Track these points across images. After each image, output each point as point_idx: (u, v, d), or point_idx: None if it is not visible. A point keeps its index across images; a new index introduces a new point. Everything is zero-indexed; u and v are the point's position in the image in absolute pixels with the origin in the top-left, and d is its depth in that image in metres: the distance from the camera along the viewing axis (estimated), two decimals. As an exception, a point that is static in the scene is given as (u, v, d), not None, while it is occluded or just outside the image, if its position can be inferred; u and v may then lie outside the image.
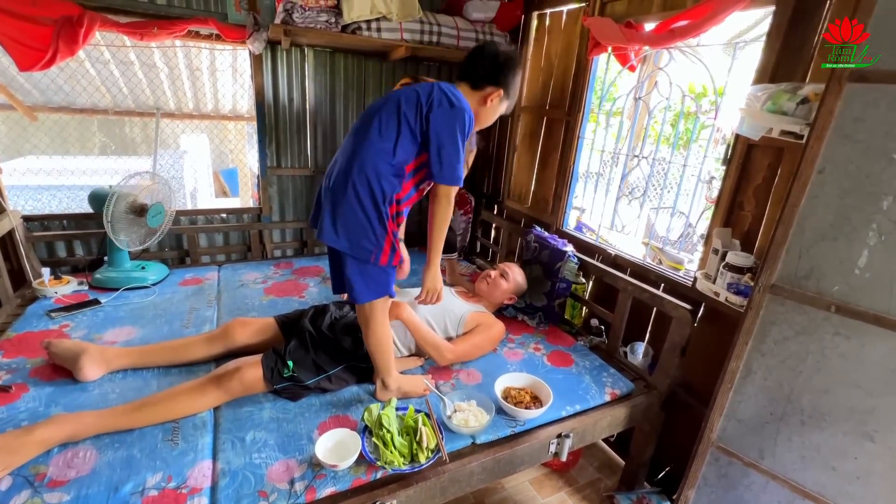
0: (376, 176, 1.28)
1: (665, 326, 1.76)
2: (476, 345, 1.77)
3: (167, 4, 2.15)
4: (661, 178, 4.07)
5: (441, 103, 1.30)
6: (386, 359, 1.49)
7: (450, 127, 1.30)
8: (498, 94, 1.42)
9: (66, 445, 1.23)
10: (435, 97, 1.30)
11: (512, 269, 2.06)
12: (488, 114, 1.46)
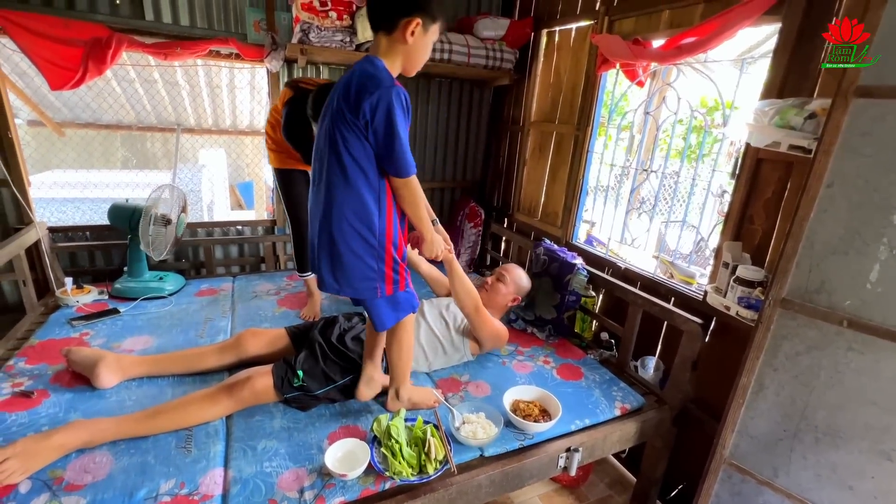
0: (354, 215, 1.22)
1: (676, 341, 1.74)
2: (495, 324, 1.80)
3: (190, 26, 2.25)
4: (672, 191, 4.06)
5: (370, 103, 1.12)
6: (405, 368, 1.49)
7: (386, 122, 1.13)
8: (416, 23, 1.15)
9: (83, 451, 1.26)
10: (359, 99, 1.13)
11: (510, 271, 2.04)
12: (419, 49, 1.21)
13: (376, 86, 1.12)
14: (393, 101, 1.12)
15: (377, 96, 1.11)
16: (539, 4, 2.66)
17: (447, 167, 3.18)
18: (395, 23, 1.15)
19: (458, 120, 3.09)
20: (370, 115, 1.13)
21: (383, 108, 1.12)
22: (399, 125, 1.15)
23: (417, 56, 1.24)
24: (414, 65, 1.26)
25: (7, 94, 2.04)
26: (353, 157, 1.18)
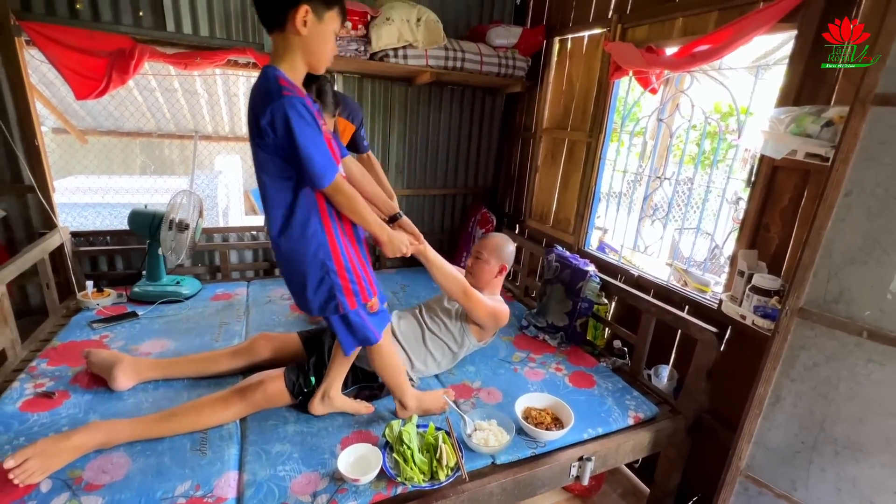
0: (292, 231, 1.19)
1: (690, 349, 1.72)
2: (489, 304, 1.74)
3: (209, 37, 2.31)
4: (685, 197, 4.02)
5: (267, 120, 1.06)
6: (398, 381, 1.49)
7: (287, 134, 1.06)
8: (305, 10, 1.07)
9: (101, 451, 1.29)
10: (259, 117, 1.07)
11: (485, 245, 1.90)
12: (316, 40, 1.12)
13: (267, 101, 1.05)
14: (288, 113, 1.04)
15: (270, 112, 1.05)
16: (551, 13, 2.68)
17: (459, 174, 3.20)
18: (284, 16, 1.08)
19: (471, 127, 3.11)
20: (272, 132, 1.07)
21: (280, 121, 1.05)
22: (299, 135, 1.06)
23: (317, 48, 1.13)
24: (318, 58, 1.15)
25: (35, 103, 2.11)
26: (273, 175, 1.16)
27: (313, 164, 1.10)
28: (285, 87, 1.06)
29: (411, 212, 3.13)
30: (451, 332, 1.80)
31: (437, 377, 1.82)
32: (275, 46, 1.14)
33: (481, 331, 1.82)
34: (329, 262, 1.22)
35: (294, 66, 1.13)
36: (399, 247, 1.38)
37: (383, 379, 1.50)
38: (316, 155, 1.10)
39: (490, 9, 2.88)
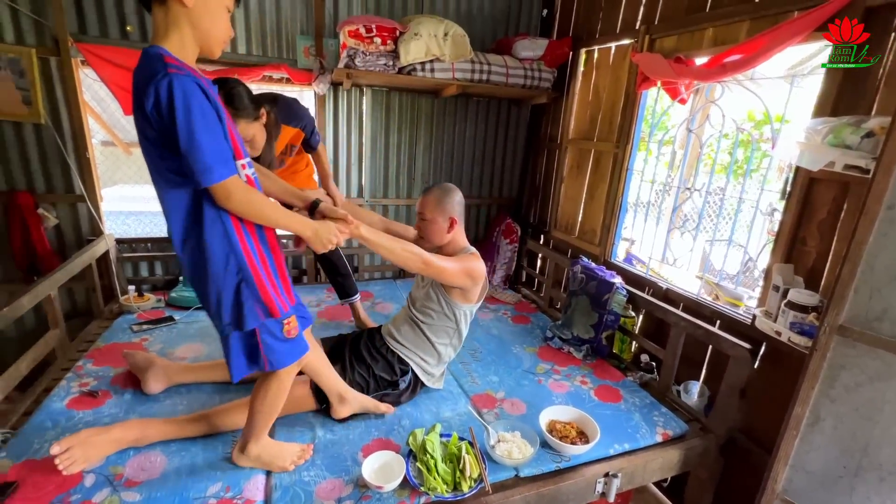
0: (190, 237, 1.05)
1: (722, 366, 1.67)
2: (452, 264, 1.54)
3: (247, 53, 2.42)
4: (717, 208, 3.91)
5: (152, 100, 0.90)
6: (264, 424, 1.29)
7: (169, 112, 0.90)
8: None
9: (140, 450, 1.35)
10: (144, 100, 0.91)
11: (425, 203, 1.65)
12: (205, 14, 0.98)
13: (149, 80, 0.89)
14: (174, 90, 0.89)
15: (153, 90, 0.89)
16: (578, 24, 2.69)
17: (484, 184, 3.22)
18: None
19: (496, 138, 3.13)
20: (157, 116, 0.91)
21: (164, 99, 0.89)
22: (185, 116, 0.90)
23: (207, 23, 0.99)
24: (212, 37, 1.01)
25: (87, 118, 2.26)
26: (166, 174, 0.99)
27: (199, 151, 0.92)
28: (171, 65, 0.91)
29: (436, 222, 3.16)
30: (440, 311, 1.67)
31: (460, 387, 1.82)
32: (156, 24, 0.97)
33: (464, 292, 1.64)
34: (245, 268, 1.07)
35: (183, 44, 0.97)
36: (328, 238, 1.19)
37: (253, 409, 1.29)
38: (204, 142, 0.92)
39: (516, 22, 2.91)
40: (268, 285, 1.11)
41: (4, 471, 1.23)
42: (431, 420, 1.59)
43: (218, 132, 0.97)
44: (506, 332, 2.34)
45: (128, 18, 2.19)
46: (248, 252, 1.08)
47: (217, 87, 1.43)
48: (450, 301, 1.66)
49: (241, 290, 1.08)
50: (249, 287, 1.08)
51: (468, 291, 1.64)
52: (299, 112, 1.91)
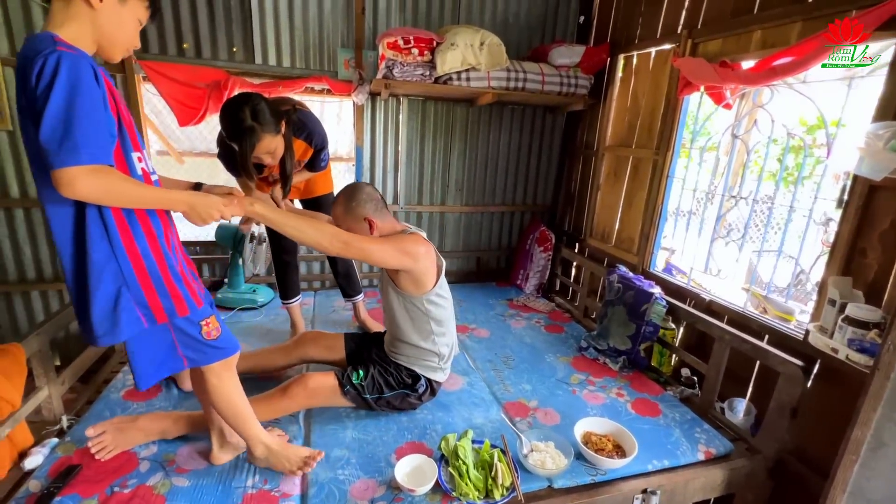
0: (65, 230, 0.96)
1: (770, 383, 1.58)
2: (377, 242, 1.43)
3: (290, 67, 2.54)
4: (765, 217, 3.72)
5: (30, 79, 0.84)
6: (245, 426, 1.26)
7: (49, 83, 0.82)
8: None
9: (188, 438, 1.42)
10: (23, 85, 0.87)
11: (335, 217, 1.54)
12: (111, 19, 0.94)
13: (36, 53, 0.83)
14: (61, 64, 0.83)
15: (39, 62, 0.82)
16: (616, 30, 2.65)
17: (517, 191, 3.21)
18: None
19: (530, 145, 3.12)
20: (36, 91, 0.83)
21: (47, 73, 0.82)
22: (61, 92, 0.82)
23: (111, 29, 0.95)
24: (115, 41, 0.97)
25: (146, 130, 2.43)
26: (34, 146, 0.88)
27: (71, 129, 0.82)
28: (63, 44, 0.86)
29: (469, 228, 3.17)
30: (404, 311, 1.60)
31: (493, 394, 1.81)
32: (53, 13, 0.91)
33: (412, 278, 1.52)
34: (127, 270, 0.98)
35: (78, 38, 0.91)
36: (207, 212, 1.04)
37: (224, 417, 1.27)
38: (82, 123, 0.83)
39: (552, 29, 2.90)
40: (158, 288, 1.01)
41: (70, 453, 1.33)
42: (463, 425, 1.59)
43: (100, 119, 0.87)
44: (539, 340, 2.31)
45: (184, 37, 2.35)
46: (134, 254, 0.98)
47: (241, 103, 1.49)
48: (406, 296, 1.56)
49: (120, 295, 0.98)
50: (131, 291, 0.99)
51: (414, 275, 1.51)
52: (312, 128, 1.82)
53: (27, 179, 2.30)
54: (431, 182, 3.00)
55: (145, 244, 1.00)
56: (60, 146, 0.82)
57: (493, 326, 2.44)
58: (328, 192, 2.17)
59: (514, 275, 3.11)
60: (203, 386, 1.21)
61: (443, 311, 1.63)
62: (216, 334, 1.13)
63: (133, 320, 1.00)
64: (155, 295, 1.02)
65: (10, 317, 2.47)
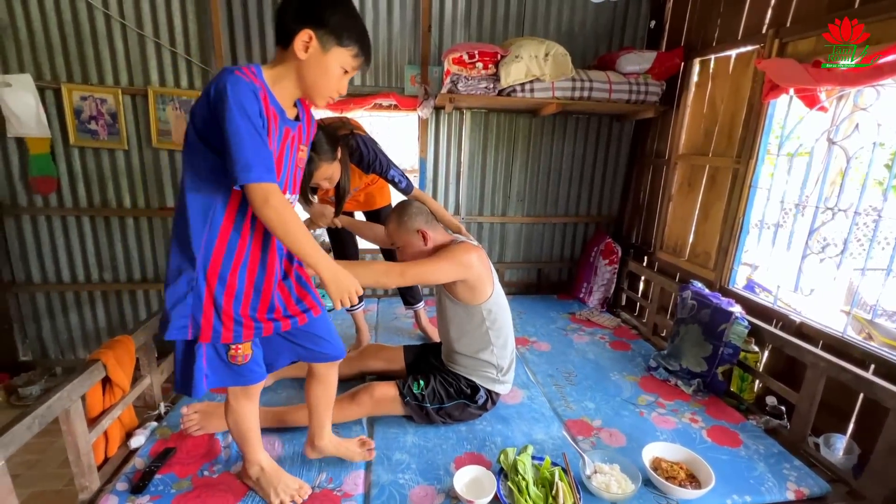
0: (178, 227, 1.02)
1: (877, 419, 1.40)
2: (432, 262, 1.47)
3: (361, 85, 2.69)
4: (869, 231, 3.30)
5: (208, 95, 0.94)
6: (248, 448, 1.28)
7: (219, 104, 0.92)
8: (307, 35, 0.98)
9: (263, 433, 1.51)
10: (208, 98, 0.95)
11: (390, 234, 1.64)
12: (312, 68, 1.02)
13: (216, 77, 0.94)
14: (228, 88, 0.90)
15: (215, 84, 0.93)
16: (691, 33, 2.52)
17: (581, 202, 3.12)
18: (289, 35, 1.00)
19: (595, 154, 3.04)
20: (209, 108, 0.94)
21: (218, 93, 0.91)
22: (233, 115, 0.90)
23: (312, 78, 1.03)
24: (312, 89, 1.04)
25: (234, 146, 2.68)
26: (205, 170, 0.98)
27: (241, 148, 0.91)
28: (243, 72, 0.95)
29: (531, 239, 3.14)
30: (460, 323, 1.61)
31: (554, 410, 1.76)
32: (278, 59, 1.04)
33: (468, 288, 1.54)
34: (202, 274, 1.01)
35: (281, 80, 1.02)
36: (348, 290, 1.07)
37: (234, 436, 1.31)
38: (247, 142, 0.91)
39: (620, 35, 2.82)
40: (216, 313, 1.03)
41: (166, 437, 1.49)
42: (523, 440, 1.56)
43: (259, 140, 0.93)
44: (603, 357, 2.22)
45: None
46: (214, 272, 1.02)
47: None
48: (463, 305, 1.58)
49: (183, 299, 1.01)
50: (193, 302, 1.02)
51: (470, 285, 1.53)
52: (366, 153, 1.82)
53: (137, 193, 2.63)
54: (493, 192, 3.01)
55: (228, 269, 1.02)
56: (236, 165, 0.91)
57: (554, 340, 2.38)
58: (386, 204, 2.25)
59: (577, 288, 3.02)
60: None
61: (501, 320, 1.63)
62: (241, 361, 1.11)
63: (180, 328, 1.02)
64: (211, 317, 1.03)
65: (119, 313, 2.81)
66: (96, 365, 1.30)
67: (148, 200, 2.66)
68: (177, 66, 2.50)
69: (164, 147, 2.58)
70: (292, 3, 1.00)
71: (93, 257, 2.69)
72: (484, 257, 1.60)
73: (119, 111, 2.47)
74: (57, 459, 2.07)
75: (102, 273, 2.72)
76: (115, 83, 2.47)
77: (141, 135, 2.55)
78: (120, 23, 2.38)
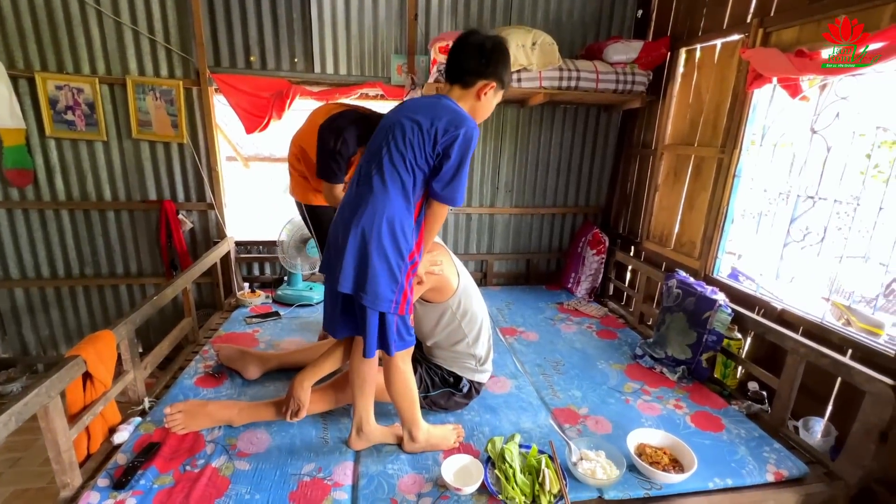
0: (401, 229, 1.23)
1: (854, 402, 1.44)
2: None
3: (347, 74, 2.65)
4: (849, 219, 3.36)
5: (452, 135, 1.22)
6: (413, 409, 1.43)
7: (461, 155, 1.24)
8: (491, 87, 1.31)
9: (248, 427, 1.52)
10: (441, 128, 1.22)
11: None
12: (483, 108, 1.36)
13: (462, 121, 1.24)
14: (473, 138, 1.25)
15: (462, 130, 1.22)
16: (677, 23, 2.52)
17: (570, 193, 3.13)
18: (472, 82, 1.31)
19: (583, 145, 3.04)
20: (448, 143, 1.23)
21: (464, 141, 1.23)
22: (467, 159, 1.26)
23: (482, 113, 1.38)
24: (478, 118, 1.36)
25: (217, 137, 2.63)
26: (409, 170, 1.24)
27: (462, 184, 1.28)
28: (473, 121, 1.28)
29: (519, 230, 3.14)
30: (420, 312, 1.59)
31: (541, 399, 1.78)
32: (450, 91, 1.35)
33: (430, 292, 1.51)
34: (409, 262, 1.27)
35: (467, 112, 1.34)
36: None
37: (395, 403, 1.44)
38: (464, 183, 1.29)
39: (608, 25, 2.81)
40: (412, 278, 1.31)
41: (150, 432, 1.47)
42: (510, 429, 1.57)
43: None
44: (590, 346, 2.24)
45: (251, 50, 2.52)
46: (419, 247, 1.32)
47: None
48: (431, 305, 1.55)
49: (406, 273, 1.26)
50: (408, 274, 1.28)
51: (436, 288, 1.51)
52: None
53: (118, 185, 2.57)
54: (481, 184, 3.00)
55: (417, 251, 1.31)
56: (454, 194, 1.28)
57: (542, 330, 2.40)
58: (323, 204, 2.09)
59: (565, 278, 3.04)
60: (388, 376, 1.41)
61: (472, 310, 1.59)
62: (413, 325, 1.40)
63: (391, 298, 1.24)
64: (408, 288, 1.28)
65: (102, 308, 2.76)
66: (76, 360, 1.27)
67: (129, 193, 2.60)
68: (156, 54, 2.44)
69: (145, 138, 2.52)
70: (482, 51, 1.28)
71: (73, 252, 2.63)
72: (445, 253, 1.55)
73: (97, 101, 2.41)
74: (39, 457, 2.04)
75: (83, 268, 2.67)
76: (92, 72, 2.39)
77: (120, 126, 2.49)
78: (95, 9, 2.31)
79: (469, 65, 1.30)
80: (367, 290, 1.20)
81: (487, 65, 1.29)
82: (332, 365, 1.51)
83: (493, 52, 1.29)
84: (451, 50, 1.33)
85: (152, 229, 2.67)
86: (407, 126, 1.24)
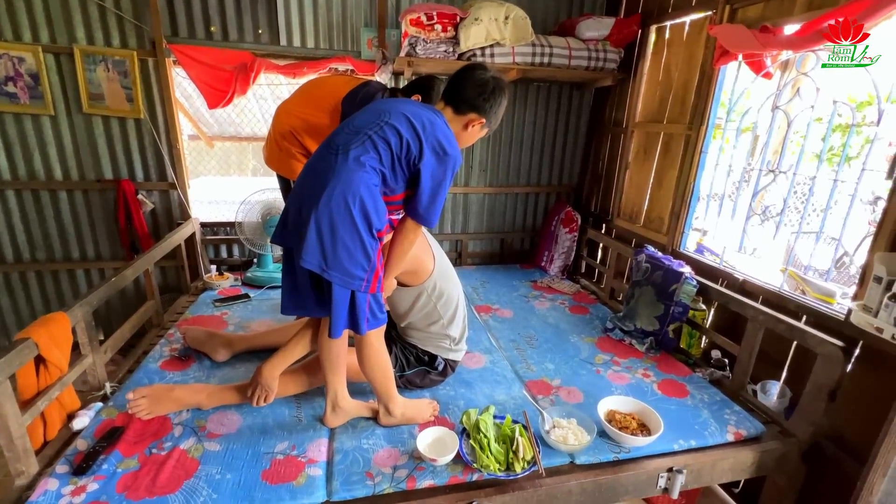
0: (374, 206, 1.19)
1: (807, 365, 1.52)
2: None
3: (314, 48, 2.55)
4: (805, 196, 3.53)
5: (435, 150, 1.25)
6: (389, 384, 1.43)
7: (441, 174, 1.27)
8: (480, 122, 1.36)
9: (220, 407, 1.48)
10: (428, 141, 1.24)
11: None
12: (467, 139, 1.40)
13: (451, 145, 1.28)
14: (457, 164, 1.31)
15: (451, 158, 1.28)
16: (648, 0, 2.53)
17: (543, 171, 3.15)
18: (465, 111, 1.35)
19: (556, 123, 3.05)
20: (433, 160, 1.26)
21: (449, 166, 1.28)
22: (448, 180, 1.30)
23: (465, 142, 1.41)
24: (463, 143, 1.40)
25: (178, 113, 2.50)
26: (391, 164, 1.23)
27: (435, 208, 1.30)
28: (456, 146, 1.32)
29: (493, 209, 3.15)
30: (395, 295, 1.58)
31: (515, 372, 1.81)
32: (444, 110, 1.37)
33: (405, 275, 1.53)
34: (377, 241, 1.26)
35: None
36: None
37: (370, 379, 1.43)
38: (440, 203, 1.31)
39: (580, 1, 2.80)
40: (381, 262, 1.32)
41: (113, 416, 1.41)
42: (485, 402, 1.59)
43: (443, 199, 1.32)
44: (563, 321, 2.28)
45: (212, 20, 2.38)
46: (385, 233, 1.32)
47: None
48: (406, 289, 1.57)
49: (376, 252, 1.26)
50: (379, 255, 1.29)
51: (411, 270, 1.53)
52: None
53: (69, 164, 2.41)
54: (455, 163, 2.97)
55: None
56: (429, 214, 1.30)
57: (516, 307, 2.43)
58: None
59: (539, 256, 3.08)
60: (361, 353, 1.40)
61: (448, 292, 1.61)
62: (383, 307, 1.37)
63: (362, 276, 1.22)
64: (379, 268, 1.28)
65: (58, 294, 2.62)
66: (26, 343, 1.20)
67: (83, 172, 2.45)
68: (106, 21, 2.27)
69: (97, 112, 2.37)
70: (484, 88, 1.32)
71: (22, 235, 2.47)
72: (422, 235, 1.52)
73: (41, 72, 2.24)
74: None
75: (35, 252, 2.52)
76: (35, 40, 2.22)
77: (69, 99, 2.33)
78: (34, -30, 2.13)
79: (468, 95, 1.34)
80: (335, 268, 1.16)
81: (485, 101, 1.34)
82: (301, 349, 1.48)
83: (494, 92, 1.34)
84: (456, 75, 1.37)
85: (110, 210, 2.53)
86: (406, 126, 1.24)
